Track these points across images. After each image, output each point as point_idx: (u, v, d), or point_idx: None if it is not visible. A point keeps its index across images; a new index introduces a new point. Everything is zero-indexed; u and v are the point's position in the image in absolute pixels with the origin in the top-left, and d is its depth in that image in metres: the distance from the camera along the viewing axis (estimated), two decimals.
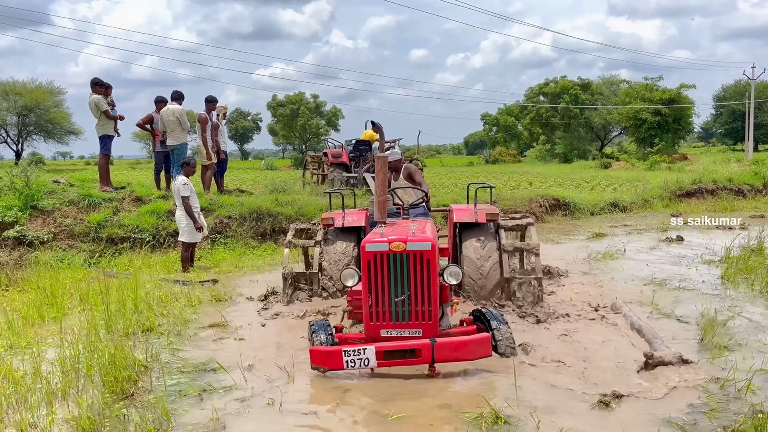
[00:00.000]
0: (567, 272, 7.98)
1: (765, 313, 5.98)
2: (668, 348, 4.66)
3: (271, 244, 10.74)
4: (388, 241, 4.57)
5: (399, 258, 4.55)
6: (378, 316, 4.61)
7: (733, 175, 18.72)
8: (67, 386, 4.24)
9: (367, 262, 4.59)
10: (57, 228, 9.91)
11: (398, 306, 4.58)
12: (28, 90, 45.58)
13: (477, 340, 4.37)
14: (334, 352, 4.30)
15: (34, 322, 6.03)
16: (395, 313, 4.59)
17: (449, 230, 7.10)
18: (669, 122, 47.84)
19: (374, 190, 5.56)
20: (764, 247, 8.63)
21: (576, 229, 12.74)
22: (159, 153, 11.61)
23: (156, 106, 11.50)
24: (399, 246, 4.53)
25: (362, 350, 4.28)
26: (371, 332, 4.63)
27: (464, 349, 4.32)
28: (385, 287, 4.57)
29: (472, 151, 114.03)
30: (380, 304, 4.59)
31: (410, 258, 4.54)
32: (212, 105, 11.71)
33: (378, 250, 4.56)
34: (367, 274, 4.59)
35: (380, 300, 4.59)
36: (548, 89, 62.27)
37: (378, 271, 4.57)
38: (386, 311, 4.59)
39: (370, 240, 4.67)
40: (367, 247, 4.61)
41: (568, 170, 37.58)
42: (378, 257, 4.56)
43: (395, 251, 4.53)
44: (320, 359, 4.35)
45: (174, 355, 5.05)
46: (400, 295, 4.56)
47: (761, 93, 53.90)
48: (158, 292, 6.83)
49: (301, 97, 70.79)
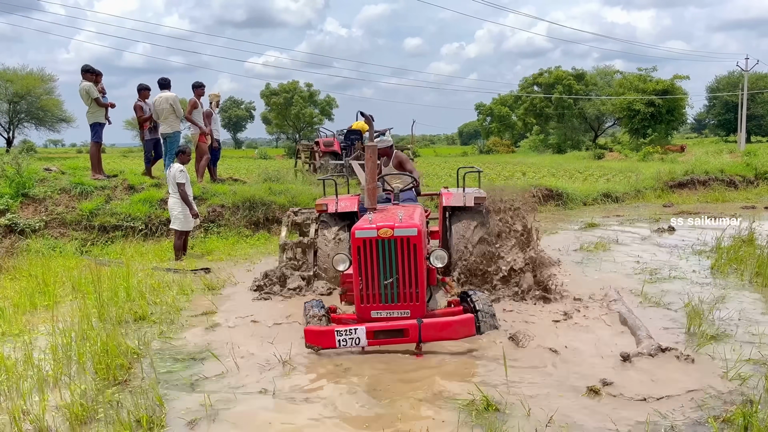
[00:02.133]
0: (559, 261, 8.02)
1: (754, 303, 6.04)
2: (651, 339, 4.69)
3: (264, 233, 10.73)
4: (376, 228, 4.77)
5: (387, 243, 4.77)
6: (368, 298, 4.82)
7: (725, 167, 18.80)
8: (59, 373, 4.25)
9: (357, 248, 4.80)
10: (49, 216, 9.86)
11: (387, 288, 4.80)
12: (19, 77, 45.11)
13: (461, 321, 4.61)
14: (328, 332, 4.52)
15: (26, 310, 6.01)
16: (384, 295, 4.82)
17: (440, 214, 7.29)
18: (662, 113, 47.88)
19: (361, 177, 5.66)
20: (755, 238, 8.70)
21: (569, 219, 12.79)
22: (149, 141, 11.51)
23: (139, 94, 11.38)
24: (387, 232, 4.75)
25: (353, 330, 4.51)
26: (362, 313, 4.85)
27: (449, 329, 4.57)
28: (375, 271, 4.79)
29: (466, 141, 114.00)
30: (370, 287, 4.81)
31: (397, 243, 4.77)
32: (200, 90, 11.55)
33: (367, 237, 4.77)
34: (358, 259, 4.81)
35: (370, 283, 4.81)
36: (542, 79, 62.18)
37: (367, 256, 4.78)
38: (376, 293, 4.81)
39: (360, 227, 4.86)
40: (357, 233, 4.81)
41: (562, 161, 37.64)
42: (367, 243, 4.77)
43: (383, 237, 4.75)
44: (314, 339, 4.57)
45: (166, 342, 5.06)
46: (388, 278, 4.78)
47: (754, 84, 54.03)
48: (150, 281, 6.83)
49: (294, 85, 70.43)
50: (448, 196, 6.82)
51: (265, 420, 3.64)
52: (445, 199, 6.82)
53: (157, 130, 11.23)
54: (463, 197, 6.68)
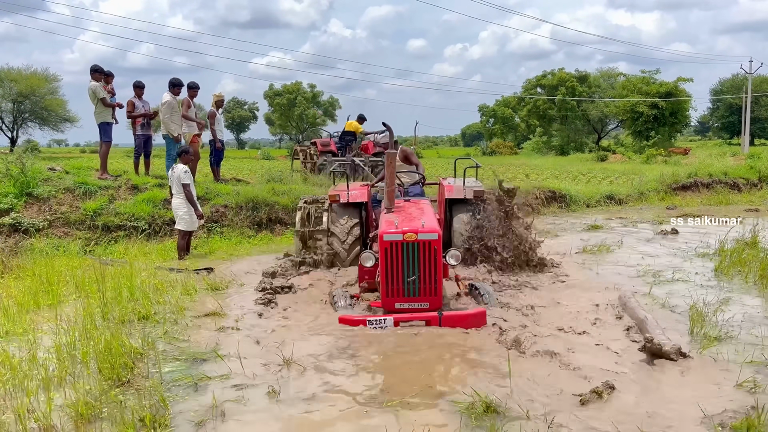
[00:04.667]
0: (561, 264, 8.01)
1: (758, 305, 6.03)
2: (669, 340, 4.67)
3: (267, 234, 10.75)
4: (402, 232, 5.49)
5: (411, 246, 5.48)
6: (393, 292, 5.52)
7: (729, 169, 18.78)
8: (64, 372, 4.26)
9: (384, 249, 5.50)
10: (52, 215, 9.90)
11: (410, 284, 5.48)
12: (24, 77, 45.21)
13: (475, 314, 5.34)
14: (361, 321, 5.29)
15: (30, 309, 6.03)
16: (407, 290, 5.49)
17: (439, 203, 8.14)
18: (666, 116, 47.81)
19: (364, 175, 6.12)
20: (758, 240, 8.68)
21: (572, 221, 12.77)
22: (140, 136, 11.55)
23: (135, 91, 11.45)
24: (411, 236, 5.46)
25: (383, 320, 5.28)
26: (387, 305, 5.54)
27: (465, 321, 5.28)
28: (399, 269, 5.48)
29: (469, 142, 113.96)
30: (395, 282, 5.49)
31: (420, 246, 5.47)
32: (194, 91, 11.59)
33: (394, 240, 5.49)
34: (384, 259, 5.50)
35: (395, 279, 5.49)
36: (546, 81, 62.14)
37: (393, 256, 5.49)
38: (400, 288, 5.50)
39: (387, 231, 5.56)
40: (384, 237, 5.52)
41: (565, 162, 37.61)
42: (394, 245, 5.48)
43: (408, 240, 5.47)
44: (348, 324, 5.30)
45: (170, 343, 5.06)
46: (411, 275, 5.46)
47: (758, 87, 53.96)
48: (154, 280, 6.84)
49: (298, 86, 70.55)
50: (449, 189, 7.72)
51: (271, 420, 3.64)
52: (447, 193, 7.70)
53: (149, 127, 11.30)
54: (464, 190, 7.60)
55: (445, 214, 7.87)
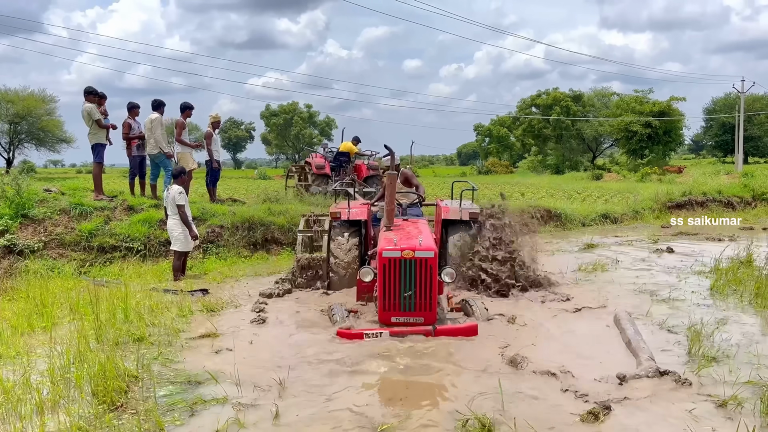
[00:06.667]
0: (557, 283, 8.01)
1: (754, 324, 6.03)
2: (652, 361, 4.67)
3: (263, 254, 10.73)
4: (400, 249, 5.72)
5: (408, 263, 5.71)
6: (390, 306, 5.75)
7: (723, 187, 18.89)
8: (57, 396, 4.22)
9: (383, 265, 5.71)
10: (48, 237, 9.87)
11: (406, 299, 5.72)
12: (21, 98, 45.37)
13: (466, 328, 5.58)
14: (358, 335, 5.44)
15: (24, 332, 5.98)
16: (403, 305, 5.73)
17: (436, 222, 8.27)
18: (659, 134, 48.22)
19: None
20: (753, 259, 8.71)
21: (567, 240, 12.80)
22: (135, 157, 11.60)
23: (129, 112, 11.52)
24: (409, 254, 5.69)
25: (379, 333, 5.45)
26: (384, 318, 5.78)
27: (458, 335, 5.49)
28: (396, 284, 5.71)
29: (465, 161, 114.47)
30: (392, 297, 5.73)
31: (417, 263, 5.71)
32: (188, 112, 11.75)
33: (392, 256, 5.72)
34: (383, 274, 5.72)
35: (392, 294, 5.72)
36: (540, 101, 62.67)
37: (391, 272, 5.72)
38: (396, 302, 5.74)
39: (386, 248, 5.78)
40: (383, 253, 5.75)
41: (560, 181, 37.76)
42: (392, 262, 5.71)
43: (406, 257, 5.69)
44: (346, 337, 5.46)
45: (165, 365, 5.02)
46: (407, 291, 5.69)
47: (751, 106, 54.42)
48: (149, 302, 6.80)
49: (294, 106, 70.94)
50: (446, 210, 7.82)
51: None
52: (443, 213, 7.80)
53: (144, 148, 11.36)
54: (459, 212, 7.72)
55: (441, 234, 8.00)
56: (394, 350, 5.19)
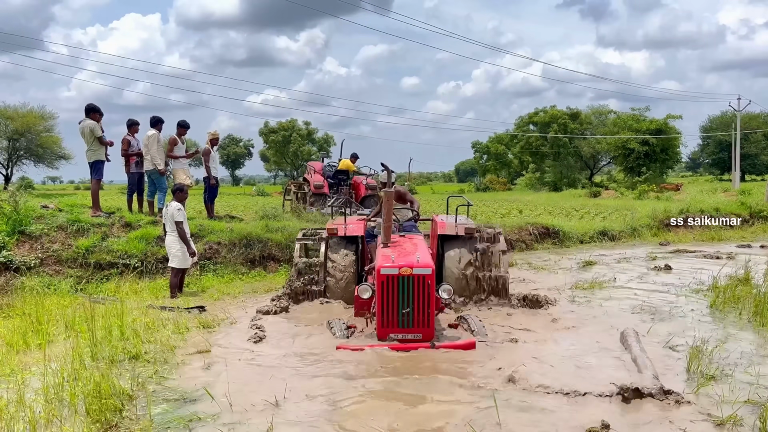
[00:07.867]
0: (556, 300, 8.00)
1: (753, 343, 6.01)
2: (656, 380, 4.65)
3: (260, 271, 10.69)
4: (398, 267, 5.76)
5: (406, 279, 5.74)
6: (388, 322, 5.78)
7: (720, 205, 18.93)
8: (51, 415, 4.18)
9: (381, 282, 5.75)
10: (44, 253, 9.82)
11: (404, 315, 5.74)
12: (20, 114, 45.58)
13: (465, 344, 5.63)
14: (357, 350, 5.49)
15: (19, 349, 5.94)
16: (401, 321, 5.76)
17: (432, 238, 8.40)
18: (656, 152, 48.45)
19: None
20: (751, 277, 8.70)
21: (565, 257, 12.78)
22: (133, 174, 11.62)
23: (129, 128, 11.56)
24: (406, 270, 5.73)
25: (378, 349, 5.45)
26: (382, 335, 5.80)
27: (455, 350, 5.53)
28: (395, 301, 5.75)
29: (463, 178, 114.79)
30: (390, 314, 5.77)
31: (415, 280, 5.74)
32: (183, 130, 11.81)
33: (390, 273, 5.75)
34: (381, 291, 5.76)
35: (390, 310, 5.77)
36: (538, 118, 63.04)
37: (389, 289, 5.76)
38: (395, 319, 5.77)
39: (384, 265, 5.81)
40: (381, 270, 5.78)
41: (558, 198, 37.84)
42: (390, 279, 5.75)
43: (404, 274, 5.73)
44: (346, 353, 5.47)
45: (160, 383, 4.98)
46: (405, 307, 5.73)
47: (747, 124, 54.78)
48: (145, 319, 6.77)
49: (293, 123, 71.23)
50: (442, 226, 7.92)
51: None
52: (440, 229, 7.90)
53: (142, 165, 11.39)
54: (455, 227, 7.80)
55: (437, 249, 8.06)
56: (391, 366, 5.16)
